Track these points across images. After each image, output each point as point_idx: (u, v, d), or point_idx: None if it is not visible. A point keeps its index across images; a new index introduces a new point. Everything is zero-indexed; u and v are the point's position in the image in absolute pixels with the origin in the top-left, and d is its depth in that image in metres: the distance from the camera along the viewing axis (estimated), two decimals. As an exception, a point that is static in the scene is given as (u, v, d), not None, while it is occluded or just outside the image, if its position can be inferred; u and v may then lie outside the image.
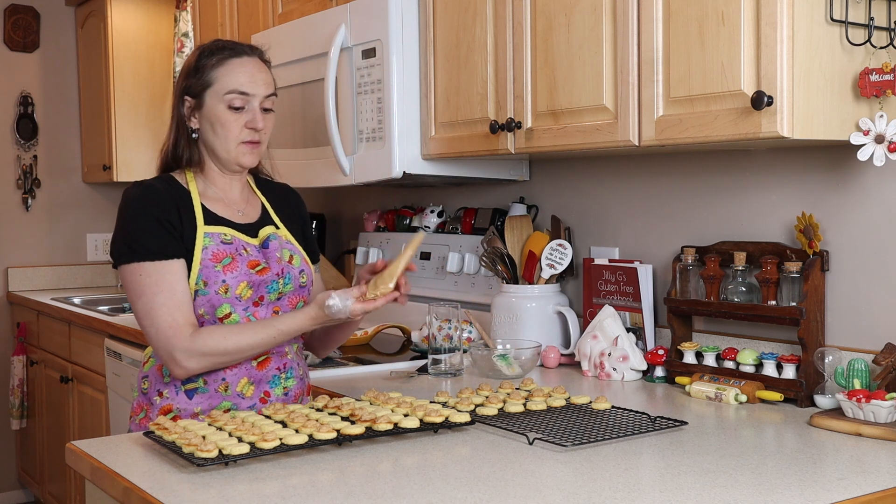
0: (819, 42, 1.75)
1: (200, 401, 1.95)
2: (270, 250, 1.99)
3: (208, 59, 1.98)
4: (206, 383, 1.95)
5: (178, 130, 2.01)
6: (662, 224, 2.42)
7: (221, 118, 1.95)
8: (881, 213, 1.96)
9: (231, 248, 1.94)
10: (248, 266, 1.94)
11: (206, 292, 1.90)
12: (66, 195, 5.15)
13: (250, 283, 1.93)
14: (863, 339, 1.99)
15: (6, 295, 4.99)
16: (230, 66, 1.96)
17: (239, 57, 1.98)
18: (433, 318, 2.38)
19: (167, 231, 1.90)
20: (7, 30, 4.96)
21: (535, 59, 2.21)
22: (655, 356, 2.26)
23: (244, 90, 1.95)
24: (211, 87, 1.96)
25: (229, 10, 3.62)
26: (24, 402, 4.75)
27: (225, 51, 1.98)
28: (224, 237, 1.95)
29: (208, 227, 1.94)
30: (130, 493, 1.48)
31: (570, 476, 1.50)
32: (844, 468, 1.55)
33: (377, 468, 1.56)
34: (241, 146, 1.97)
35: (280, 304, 1.99)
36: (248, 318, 1.94)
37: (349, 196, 3.66)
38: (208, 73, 1.96)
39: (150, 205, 1.92)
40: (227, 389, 1.95)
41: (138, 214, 1.92)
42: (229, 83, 1.95)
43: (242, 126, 1.96)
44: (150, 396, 1.98)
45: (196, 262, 1.90)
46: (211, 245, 1.92)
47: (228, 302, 1.92)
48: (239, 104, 1.95)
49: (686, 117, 1.87)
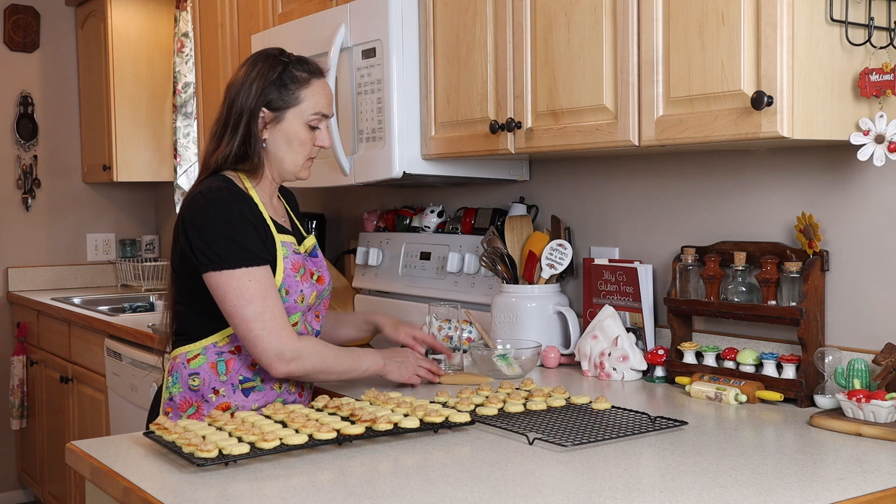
0: (819, 42, 1.75)
1: (256, 398, 2.03)
2: (320, 259, 2.12)
3: (293, 75, 2.02)
4: (262, 381, 2.03)
5: (247, 137, 2.01)
6: (662, 224, 2.42)
7: (301, 136, 2.03)
8: (881, 213, 1.96)
9: (300, 259, 2.03)
10: (310, 275, 2.03)
11: (286, 300, 1.97)
12: (66, 195, 5.15)
13: (317, 292, 2.05)
14: (863, 339, 1.99)
15: (6, 295, 4.99)
16: (316, 88, 2.04)
17: (320, 78, 2.07)
18: (433, 318, 2.38)
19: (261, 237, 1.95)
20: (7, 30, 4.96)
21: (535, 59, 2.21)
22: (655, 356, 2.26)
23: (326, 112, 2.06)
24: (297, 107, 2.02)
25: (229, 10, 3.62)
26: (24, 402, 4.75)
27: (306, 70, 2.04)
28: (295, 247, 2.03)
29: (282, 236, 2.01)
30: (130, 493, 1.48)
31: (570, 476, 1.50)
32: (844, 468, 1.55)
33: (377, 468, 1.56)
34: (307, 162, 2.07)
35: (319, 310, 2.12)
36: (306, 325, 2.06)
37: (349, 196, 3.66)
38: (296, 91, 2.02)
39: (245, 210, 1.95)
40: (280, 386, 2.07)
41: (236, 219, 1.93)
42: (316, 105, 2.03)
43: (313, 144, 2.06)
44: (202, 394, 2.02)
45: (280, 271, 1.97)
46: (289, 254, 1.99)
47: (301, 311, 2.01)
48: (317, 124, 2.05)
49: (686, 117, 1.87)
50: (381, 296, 3.29)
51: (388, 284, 3.21)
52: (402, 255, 3.15)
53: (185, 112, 4.82)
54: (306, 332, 2.08)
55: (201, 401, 2.02)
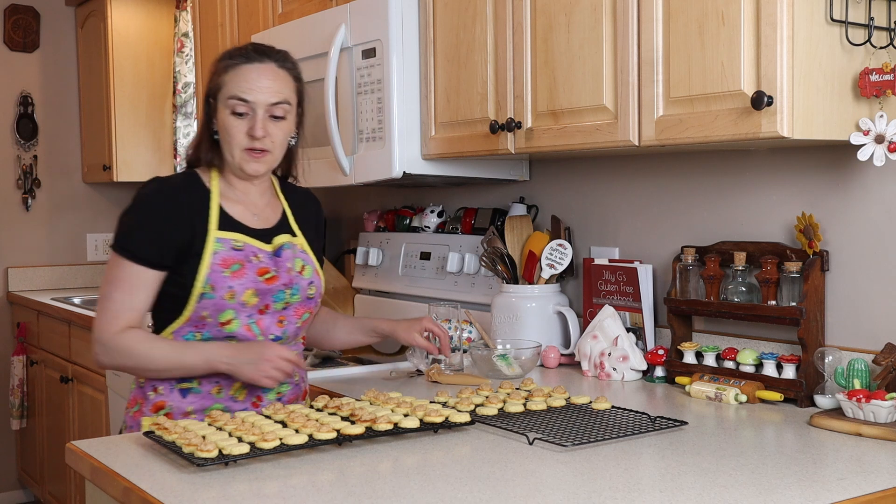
0: (819, 42, 1.75)
1: (193, 400, 1.96)
2: (283, 259, 1.99)
3: (222, 63, 1.99)
4: (199, 384, 1.97)
5: (203, 131, 2.03)
6: (662, 224, 2.42)
7: (225, 123, 1.96)
8: (881, 213, 1.96)
9: (241, 255, 1.95)
10: (256, 273, 1.95)
11: (212, 296, 1.91)
12: (66, 195, 5.15)
13: (257, 290, 1.94)
14: (863, 339, 1.99)
15: (6, 295, 4.99)
16: (237, 72, 1.96)
17: (249, 63, 1.96)
18: (433, 317, 2.38)
19: (158, 238, 1.91)
20: (7, 30, 4.96)
21: (535, 59, 2.21)
22: (655, 356, 2.26)
23: (244, 97, 1.94)
24: (220, 92, 1.97)
25: (229, 10, 3.62)
26: (24, 402, 4.75)
27: (238, 56, 1.98)
28: (235, 243, 1.95)
29: (221, 233, 1.95)
30: (130, 493, 1.48)
31: (570, 476, 1.50)
32: (844, 468, 1.55)
33: (377, 468, 1.56)
34: (244, 153, 1.96)
35: (286, 314, 2.00)
36: (250, 325, 1.95)
37: (349, 196, 3.65)
38: (219, 77, 1.98)
39: (155, 207, 1.94)
40: (221, 392, 1.97)
41: (139, 213, 1.94)
42: (231, 89, 1.95)
43: (244, 133, 1.95)
44: (145, 391, 1.99)
45: (205, 266, 1.91)
46: (221, 250, 1.93)
47: (233, 308, 1.93)
48: (241, 110, 1.94)
49: (686, 117, 1.87)
50: (381, 296, 3.29)
51: (388, 284, 3.21)
52: (402, 255, 3.15)
53: (185, 112, 4.82)
54: (250, 333, 1.95)
55: (143, 398, 1.99)
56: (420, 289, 3.06)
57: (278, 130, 1.98)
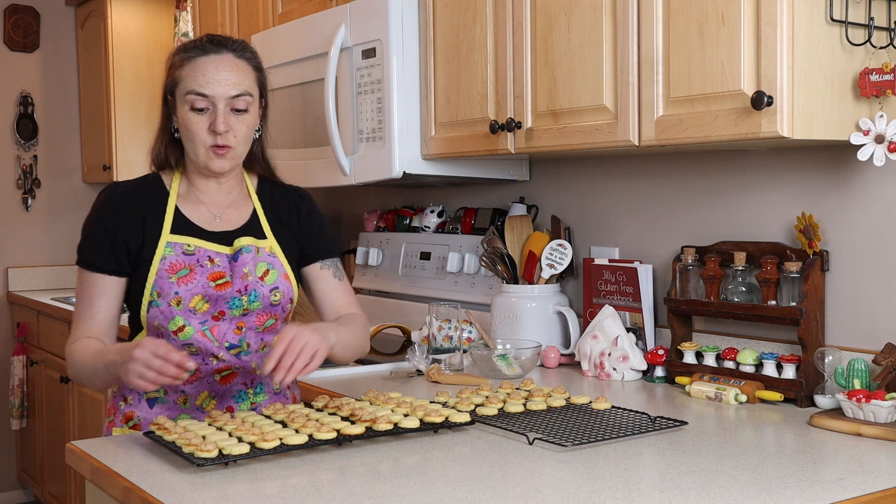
0: (819, 42, 1.75)
1: (160, 411, 1.91)
2: (238, 264, 1.88)
3: (177, 57, 1.88)
4: (165, 393, 1.92)
5: (161, 130, 1.95)
6: (662, 224, 2.42)
7: (185, 120, 1.86)
8: (881, 213, 1.96)
9: (191, 260, 1.87)
10: (207, 278, 1.86)
11: (158, 303, 1.85)
12: (66, 195, 5.15)
13: (206, 296, 1.86)
14: (863, 339, 1.99)
15: (6, 295, 4.99)
16: (193, 66, 1.85)
17: (205, 55, 1.85)
18: (433, 318, 2.38)
19: (111, 245, 1.87)
20: (7, 30, 4.96)
21: (535, 59, 2.21)
22: (655, 356, 2.26)
23: (202, 91, 1.83)
24: (177, 88, 1.87)
25: (229, 10, 3.62)
26: (24, 402, 4.75)
27: (194, 49, 1.87)
28: (187, 248, 1.87)
29: (172, 237, 1.88)
30: (130, 493, 1.48)
31: (570, 476, 1.50)
32: (844, 468, 1.55)
33: (377, 468, 1.56)
34: (208, 150, 1.86)
35: (246, 321, 1.90)
36: (204, 332, 1.87)
37: (349, 196, 3.66)
38: (175, 72, 1.87)
39: (106, 214, 1.90)
40: (186, 402, 1.91)
41: (92, 221, 1.92)
42: (189, 84, 1.84)
43: (206, 129, 1.85)
44: (117, 400, 1.97)
45: (152, 273, 1.85)
46: (170, 255, 1.86)
47: (181, 315, 1.85)
48: (201, 105, 1.84)
49: (686, 117, 1.87)
50: (380, 296, 3.29)
51: (388, 284, 3.22)
52: (402, 255, 3.15)
53: (185, 112, 4.82)
54: (206, 340, 1.87)
55: (115, 408, 1.96)
56: (420, 289, 3.06)
57: (241, 124, 1.87)
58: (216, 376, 1.91)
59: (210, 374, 1.91)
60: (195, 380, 1.90)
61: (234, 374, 1.93)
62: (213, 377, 1.91)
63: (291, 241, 1.99)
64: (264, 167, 2.03)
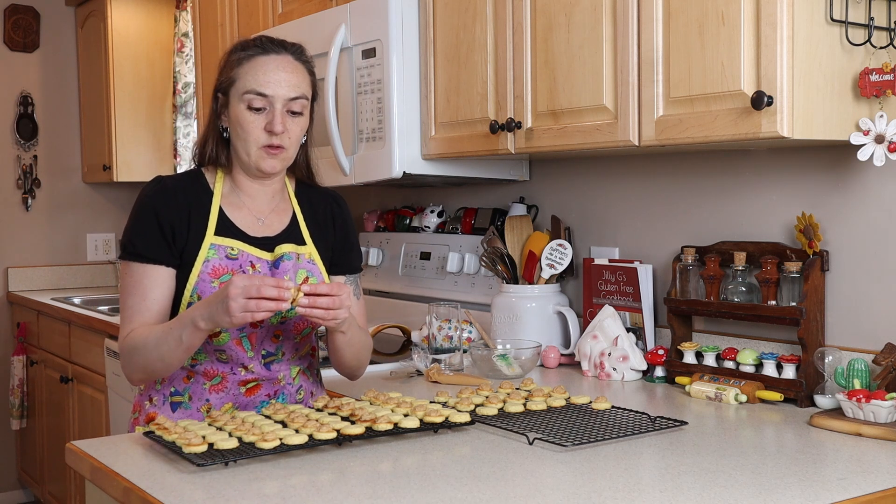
0: (819, 42, 1.75)
1: (182, 416, 1.90)
2: (280, 271, 1.88)
3: (235, 56, 1.88)
4: (190, 399, 1.91)
5: (210, 128, 1.93)
6: (662, 224, 2.42)
7: (241, 119, 1.85)
8: (881, 213, 1.96)
9: (234, 265, 1.86)
10: None
11: None
12: (66, 195, 5.15)
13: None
14: (863, 339, 1.99)
15: (6, 295, 4.99)
16: (253, 65, 1.85)
17: (266, 55, 1.86)
18: (433, 318, 2.38)
19: (163, 236, 1.85)
20: (7, 30, 4.96)
21: (535, 59, 2.21)
22: (655, 356, 2.26)
23: (262, 91, 1.83)
24: (234, 86, 1.86)
25: (229, 10, 3.62)
26: (24, 402, 4.75)
27: (254, 48, 1.87)
28: (231, 252, 1.86)
29: (217, 238, 1.86)
30: (130, 493, 1.48)
31: (570, 476, 1.50)
32: (844, 468, 1.55)
33: (377, 468, 1.56)
34: (260, 150, 1.85)
35: (283, 329, 1.90)
36: (241, 339, 1.87)
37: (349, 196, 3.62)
38: (233, 70, 1.87)
39: (157, 205, 1.87)
40: (209, 412, 1.89)
41: (141, 213, 1.87)
42: (248, 83, 1.84)
43: (262, 129, 1.85)
44: (142, 399, 1.97)
45: (194, 274, 1.84)
46: (213, 258, 1.85)
47: None
48: (258, 105, 1.84)
49: (686, 117, 1.87)
50: (381, 296, 3.29)
51: (388, 284, 3.22)
52: (402, 255, 3.15)
53: (185, 112, 4.82)
54: (241, 348, 1.87)
55: (141, 406, 1.96)
56: (420, 289, 3.06)
57: (295, 126, 1.88)
58: (241, 388, 1.90)
59: (236, 385, 1.90)
60: (221, 389, 1.89)
61: (259, 386, 1.92)
62: (238, 389, 1.90)
63: (326, 247, 2.00)
64: (306, 172, 2.02)
